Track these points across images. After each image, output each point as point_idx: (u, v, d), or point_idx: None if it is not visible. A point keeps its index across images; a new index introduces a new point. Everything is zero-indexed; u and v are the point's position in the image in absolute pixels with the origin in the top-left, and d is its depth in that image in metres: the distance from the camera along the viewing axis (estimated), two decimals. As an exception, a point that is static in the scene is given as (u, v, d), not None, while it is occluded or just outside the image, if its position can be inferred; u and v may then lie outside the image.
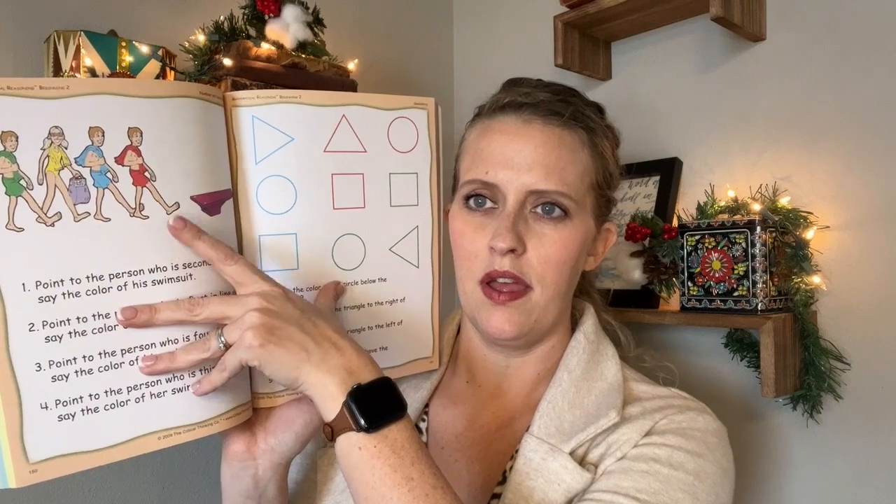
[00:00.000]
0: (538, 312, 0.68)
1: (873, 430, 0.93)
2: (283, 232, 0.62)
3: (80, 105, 0.50)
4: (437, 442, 0.73)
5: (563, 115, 0.68)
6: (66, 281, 0.50)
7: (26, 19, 0.96)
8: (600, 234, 0.74)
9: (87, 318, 0.51)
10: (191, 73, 1.01)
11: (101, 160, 0.51)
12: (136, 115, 0.52)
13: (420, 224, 0.71)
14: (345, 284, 0.65)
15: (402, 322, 0.71)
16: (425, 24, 1.52)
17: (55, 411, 0.50)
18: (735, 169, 1.08)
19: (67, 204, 0.50)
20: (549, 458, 0.62)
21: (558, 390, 0.68)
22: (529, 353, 0.73)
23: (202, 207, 0.56)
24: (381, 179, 0.67)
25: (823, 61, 0.98)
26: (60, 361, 0.50)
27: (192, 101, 0.56)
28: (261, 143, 0.60)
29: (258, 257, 0.61)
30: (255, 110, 0.60)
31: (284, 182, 0.62)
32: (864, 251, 0.94)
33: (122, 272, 0.52)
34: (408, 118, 0.69)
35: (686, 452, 0.61)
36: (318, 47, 1.11)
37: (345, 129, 0.64)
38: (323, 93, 0.64)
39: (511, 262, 0.66)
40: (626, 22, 1.15)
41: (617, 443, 0.63)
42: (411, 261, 0.71)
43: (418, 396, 0.75)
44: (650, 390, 0.71)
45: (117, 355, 0.52)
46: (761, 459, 1.03)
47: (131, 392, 0.53)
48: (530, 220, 0.67)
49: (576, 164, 0.68)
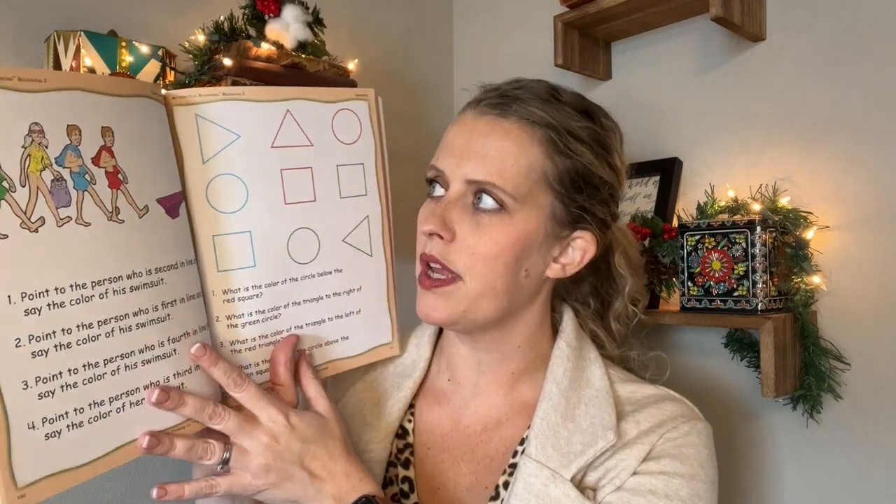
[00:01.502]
0: (466, 304, 0.67)
1: (873, 430, 0.93)
2: (237, 230, 0.61)
3: (58, 101, 0.48)
4: (424, 443, 0.74)
5: (510, 107, 0.67)
6: (51, 291, 0.47)
7: (26, 19, 0.96)
8: (567, 241, 0.70)
9: (71, 329, 0.49)
10: (191, 74, 1.01)
11: (80, 161, 0.49)
12: (107, 113, 0.51)
13: (370, 214, 0.71)
14: (302, 278, 0.66)
15: (360, 311, 0.71)
16: (425, 24, 1.52)
17: (42, 430, 0.47)
18: (735, 169, 1.08)
19: (50, 208, 0.47)
20: (551, 484, 0.63)
21: (549, 404, 0.68)
22: (495, 351, 0.73)
23: (166, 210, 0.56)
24: (329, 172, 0.67)
25: (823, 61, 0.98)
26: (47, 377, 0.47)
27: (147, 100, 0.55)
28: (206, 141, 0.59)
29: (214, 257, 0.60)
30: (198, 108, 0.59)
31: (234, 180, 0.61)
32: (864, 251, 0.94)
33: (103, 279, 0.50)
34: (350, 110, 0.69)
35: (681, 478, 0.64)
36: (318, 47, 1.11)
37: (290, 124, 0.64)
38: (266, 88, 0.64)
39: (437, 248, 0.67)
40: (626, 22, 1.15)
41: (615, 469, 0.65)
42: (364, 250, 0.71)
43: (401, 396, 0.75)
44: (637, 390, 0.72)
45: (100, 366, 0.51)
46: (761, 459, 1.03)
47: (113, 402, 0.52)
48: (470, 209, 0.67)
49: (519, 158, 0.65)
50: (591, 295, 0.83)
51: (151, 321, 0.54)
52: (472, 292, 0.66)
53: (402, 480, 0.72)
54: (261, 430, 0.59)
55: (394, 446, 0.73)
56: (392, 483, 0.72)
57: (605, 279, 0.82)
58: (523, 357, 0.74)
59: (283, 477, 0.59)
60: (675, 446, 0.66)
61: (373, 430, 0.73)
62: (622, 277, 0.80)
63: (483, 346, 0.73)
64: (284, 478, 0.59)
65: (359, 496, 0.60)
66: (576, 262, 0.71)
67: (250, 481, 0.58)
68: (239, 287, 0.61)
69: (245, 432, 0.59)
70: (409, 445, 0.74)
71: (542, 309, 0.74)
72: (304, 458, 0.60)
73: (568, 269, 0.71)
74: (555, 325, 0.78)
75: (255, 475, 0.58)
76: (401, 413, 0.74)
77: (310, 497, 0.60)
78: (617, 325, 0.81)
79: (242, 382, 0.59)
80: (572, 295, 0.82)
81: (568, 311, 0.77)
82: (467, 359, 0.75)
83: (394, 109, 1.41)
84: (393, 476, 0.72)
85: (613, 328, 0.82)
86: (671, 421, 0.67)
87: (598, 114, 0.72)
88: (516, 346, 0.73)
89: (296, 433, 0.60)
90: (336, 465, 0.61)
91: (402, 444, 0.74)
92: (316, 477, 0.60)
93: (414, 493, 0.71)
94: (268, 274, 0.63)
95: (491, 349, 0.73)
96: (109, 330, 0.51)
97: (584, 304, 0.82)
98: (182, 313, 0.57)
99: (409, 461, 0.73)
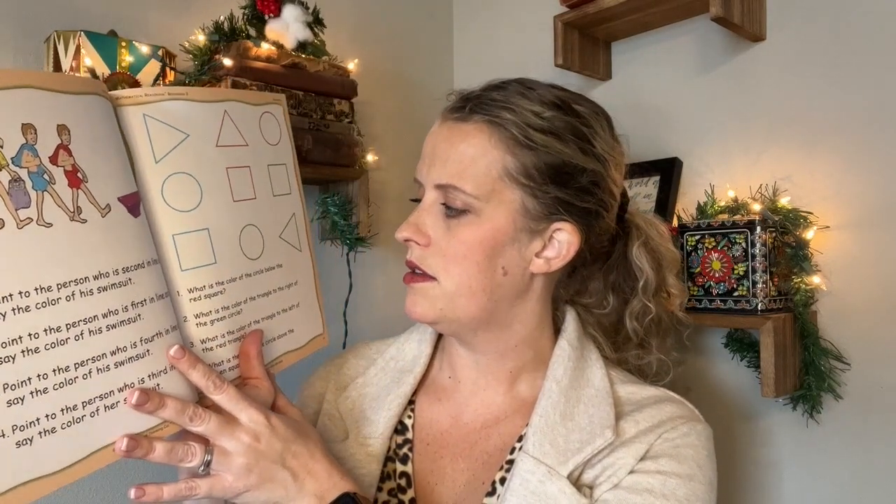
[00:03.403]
0: (443, 303, 0.68)
1: (873, 430, 0.93)
2: (196, 228, 0.61)
3: (9, 99, 0.46)
4: (423, 438, 0.74)
5: (465, 108, 0.69)
6: (14, 295, 0.46)
7: (26, 19, 0.96)
8: (547, 234, 0.69)
9: (38, 333, 0.47)
10: (191, 73, 1.01)
11: (37, 160, 0.48)
12: (62, 111, 0.50)
13: (296, 211, 0.74)
14: (254, 273, 0.67)
15: (298, 304, 0.73)
16: (425, 24, 1.52)
17: (13, 438, 0.46)
18: (735, 169, 1.08)
19: (9, 209, 0.46)
20: (547, 481, 0.63)
21: (549, 402, 0.68)
22: (491, 352, 0.73)
23: (127, 209, 0.55)
24: (262, 171, 0.69)
25: (823, 61, 0.98)
26: (15, 384, 0.46)
27: (99, 98, 0.54)
28: (157, 141, 0.59)
29: (176, 256, 0.60)
30: (145, 108, 0.58)
31: (188, 178, 0.61)
32: (864, 251, 0.94)
33: (69, 281, 0.49)
34: (271, 113, 0.71)
35: (678, 477, 0.64)
36: (318, 47, 1.11)
37: (228, 124, 0.65)
38: (206, 89, 0.65)
39: (416, 254, 0.70)
40: (626, 22, 1.15)
41: (613, 467, 0.65)
42: (295, 245, 0.74)
43: (401, 391, 0.76)
44: (637, 391, 0.72)
45: (71, 370, 0.49)
46: (761, 459, 1.04)
47: (86, 407, 0.51)
48: (442, 214, 0.69)
49: (478, 158, 0.66)
50: (608, 290, 0.80)
51: (122, 322, 0.53)
52: (447, 292, 0.68)
53: (399, 475, 0.72)
54: (242, 431, 0.59)
55: (393, 441, 0.74)
56: (390, 478, 0.72)
57: (625, 274, 0.79)
58: (521, 356, 0.74)
59: (265, 477, 0.59)
60: (674, 446, 0.66)
61: (372, 425, 0.74)
62: (640, 271, 0.77)
63: (479, 347, 0.73)
64: (266, 478, 0.59)
65: (340, 493, 0.60)
66: (561, 256, 0.69)
67: (231, 483, 0.58)
68: (203, 284, 0.61)
69: (226, 433, 0.58)
70: (408, 441, 0.74)
71: (538, 307, 0.73)
72: (286, 457, 0.60)
73: (553, 263, 0.70)
74: (556, 324, 0.78)
75: (236, 476, 0.58)
76: (400, 408, 0.75)
77: (291, 497, 0.60)
78: (634, 323, 0.78)
79: (222, 384, 0.59)
80: (580, 293, 0.81)
81: (570, 312, 0.77)
82: (466, 358, 0.75)
83: (394, 109, 1.43)
84: (391, 471, 0.72)
85: (630, 328, 0.78)
86: (670, 421, 0.67)
87: (570, 102, 0.70)
88: (513, 346, 0.73)
89: (277, 433, 0.60)
90: (317, 464, 0.62)
91: (401, 439, 0.74)
92: (297, 476, 0.60)
93: (411, 489, 0.71)
94: (228, 270, 0.63)
95: (487, 350, 0.73)
96: (79, 333, 0.50)
97: (600, 304, 0.80)
98: (153, 313, 0.56)
99: (408, 457, 0.73)
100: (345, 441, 0.74)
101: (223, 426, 0.58)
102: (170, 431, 0.57)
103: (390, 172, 1.36)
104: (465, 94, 0.71)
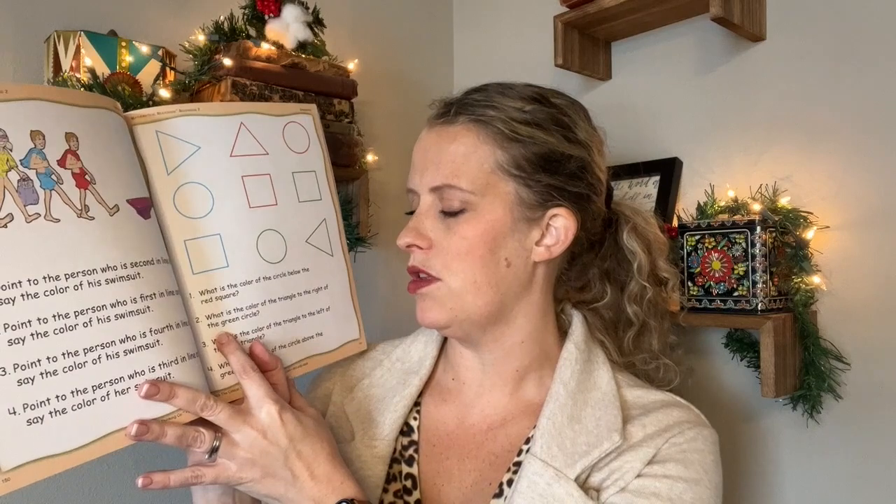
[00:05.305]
0: (452, 302, 0.69)
1: (873, 430, 0.93)
2: (208, 234, 0.64)
3: (20, 109, 0.51)
4: (429, 439, 0.75)
5: (450, 112, 0.71)
6: (23, 282, 0.50)
7: (26, 19, 0.96)
8: (544, 221, 0.70)
9: (47, 318, 0.51)
10: (191, 74, 1.01)
11: (45, 163, 0.52)
12: (71, 121, 0.54)
13: (326, 217, 0.75)
14: (274, 276, 0.69)
15: (329, 308, 0.75)
16: (425, 24, 1.52)
17: (24, 415, 0.49)
18: (735, 169, 1.08)
19: (18, 205, 0.50)
20: (555, 483, 0.63)
21: (556, 405, 0.69)
22: (497, 350, 0.74)
23: (137, 211, 0.58)
24: (286, 178, 0.71)
25: (823, 61, 0.98)
26: (25, 364, 0.50)
27: (108, 112, 0.58)
28: (169, 154, 0.63)
29: (188, 261, 0.63)
30: (158, 125, 0.63)
31: (199, 187, 0.64)
32: (864, 251, 0.94)
33: (76, 272, 0.52)
34: (297, 122, 0.74)
35: (685, 482, 0.64)
36: (318, 47, 1.11)
37: (245, 135, 0.68)
38: (219, 104, 0.68)
39: (419, 258, 0.71)
40: (626, 22, 1.15)
41: (620, 470, 0.65)
42: (326, 251, 0.75)
43: (407, 393, 0.76)
44: (644, 395, 0.72)
45: (80, 354, 0.52)
46: (761, 459, 1.04)
47: (97, 391, 0.53)
48: (439, 216, 0.70)
49: (469, 155, 0.69)
50: (605, 280, 0.82)
51: (131, 312, 0.56)
52: (454, 290, 0.69)
53: (405, 477, 0.72)
54: (251, 423, 0.60)
55: (398, 443, 0.74)
56: (395, 479, 0.72)
57: (618, 260, 0.82)
58: (527, 353, 0.74)
59: (267, 472, 0.61)
60: (681, 451, 0.66)
61: (378, 427, 0.74)
62: (633, 254, 0.79)
63: (486, 346, 0.74)
64: (267, 473, 0.61)
65: (338, 500, 0.61)
66: (560, 241, 0.71)
67: (234, 473, 0.60)
68: (215, 287, 0.64)
69: (236, 424, 0.60)
70: (413, 443, 0.74)
71: (541, 300, 0.74)
72: (290, 456, 0.61)
73: (554, 249, 0.71)
74: (562, 327, 0.78)
75: (240, 467, 0.60)
76: (406, 410, 0.75)
77: (290, 497, 0.61)
78: (634, 307, 0.80)
79: (251, 369, 0.62)
80: (582, 289, 0.82)
81: (577, 315, 0.78)
82: (471, 360, 0.75)
83: (394, 109, 1.42)
84: (396, 472, 0.72)
85: (630, 312, 0.80)
86: (677, 426, 0.68)
87: (548, 95, 0.73)
88: (519, 342, 0.73)
89: (285, 429, 0.62)
90: (318, 468, 0.62)
91: (406, 441, 0.74)
92: (298, 477, 0.61)
93: (417, 490, 0.71)
94: (241, 273, 0.66)
95: (493, 349, 0.73)
96: (87, 320, 0.53)
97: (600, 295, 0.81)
98: (163, 307, 0.58)
99: (414, 458, 0.73)
100: (351, 442, 0.74)
101: (234, 416, 0.60)
102: (184, 420, 0.59)
103: (390, 172, 1.36)
104: (447, 100, 0.74)
